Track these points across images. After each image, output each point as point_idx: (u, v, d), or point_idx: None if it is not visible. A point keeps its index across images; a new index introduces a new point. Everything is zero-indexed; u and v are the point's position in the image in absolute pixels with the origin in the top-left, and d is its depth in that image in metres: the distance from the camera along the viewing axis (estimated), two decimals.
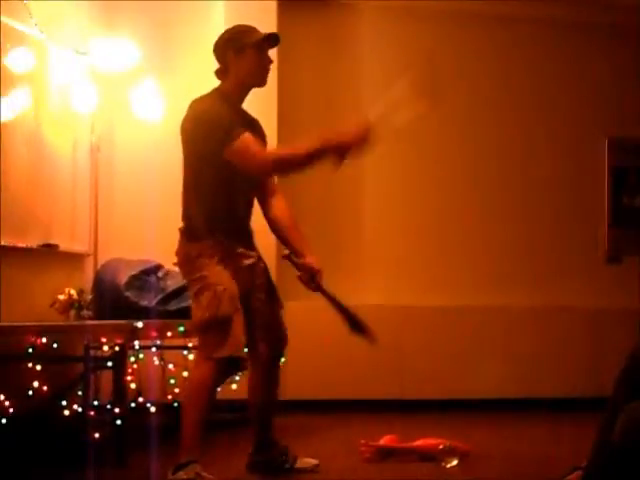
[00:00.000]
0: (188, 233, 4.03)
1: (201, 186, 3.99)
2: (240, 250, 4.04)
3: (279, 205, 4.24)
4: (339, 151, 3.77)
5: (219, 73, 4.12)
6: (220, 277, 3.90)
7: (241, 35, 4.09)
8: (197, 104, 4.03)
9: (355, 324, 4.12)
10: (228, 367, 3.92)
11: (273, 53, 4.19)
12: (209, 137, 3.90)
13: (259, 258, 4.18)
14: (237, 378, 5.13)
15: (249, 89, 4.12)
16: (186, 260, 4.02)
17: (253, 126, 4.14)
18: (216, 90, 4.10)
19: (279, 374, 4.28)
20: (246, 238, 4.14)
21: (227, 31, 4.16)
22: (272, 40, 4.12)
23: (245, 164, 3.89)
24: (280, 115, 6.76)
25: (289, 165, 4.01)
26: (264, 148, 4.06)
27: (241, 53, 4.04)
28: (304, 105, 7.27)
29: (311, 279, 4.14)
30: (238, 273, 3.98)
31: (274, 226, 4.24)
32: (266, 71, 4.11)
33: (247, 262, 4.06)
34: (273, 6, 6.81)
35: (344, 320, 4.13)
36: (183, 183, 4.06)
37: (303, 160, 3.90)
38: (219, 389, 4.08)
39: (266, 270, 4.23)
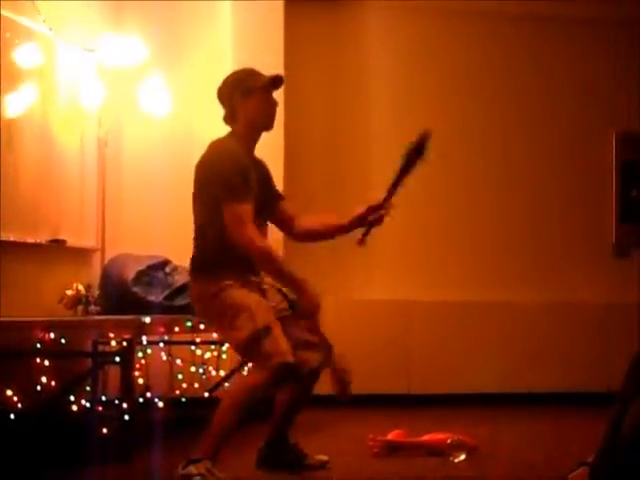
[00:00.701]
0: (199, 271, 4.02)
1: (212, 224, 3.96)
2: (254, 278, 4.06)
3: (305, 219, 4.31)
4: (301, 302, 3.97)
5: (227, 119, 4.12)
6: (247, 296, 3.91)
7: (247, 77, 4.11)
8: (216, 146, 4.04)
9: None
10: (284, 375, 3.86)
11: (279, 53, 4.18)
12: (222, 184, 3.89)
13: (271, 285, 4.20)
14: None
15: (260, 132, 4.12)
16: (202, 300, 4.01)
17: (262, 170, 4.17)
18: (231, 134, 4.10)
19: (317, 381, 4.24)
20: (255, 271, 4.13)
21: (231, 75, 4.17)
22: (277, 82, 4.15)
23: (233, 232, 3.87)
24: (287, 113, 6.75)
25: (264, 265, 4.03)
26: (258, 232, 3.95)
27: (248, 96, 4.05)
28: (311, 103, 7.27)
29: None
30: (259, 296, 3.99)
31: (312, 234, 4.34)
32: (273, 113, 4.12)
33: (263, 287, 4.09)
34: (280, 5, 6.81)
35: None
36: (194, 220, 4.06)
37: (278, 275, 4.02)
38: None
39: (282, 291, 4.20)
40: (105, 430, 4.56)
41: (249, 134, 4.09)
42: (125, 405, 4.51)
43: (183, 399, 5.90)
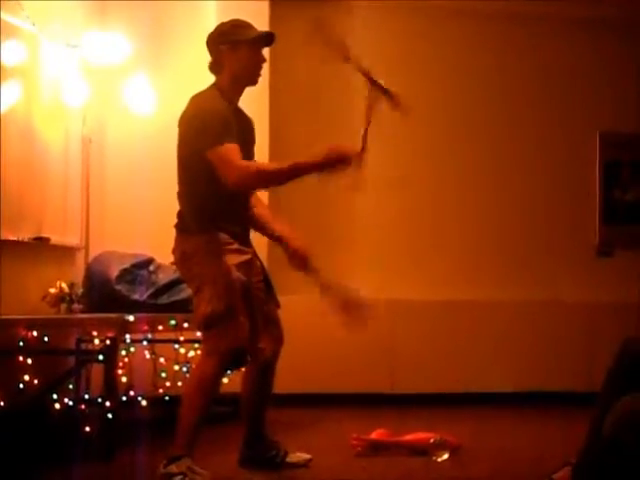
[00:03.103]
0: (182, 229, 4.00)
1: (194, 181, 3.94)
2: (236, 246, 4.00)
3: (258, 203, 4.27)
4: (316, 170, 3.84)
5: (213, 67, 4.09)
6: (219, 272, 3.88)
7: (237, 30, 4.06)
8: (196, 100, 4.01)
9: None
10: (233, 360, 3.90)
11: (265, 52, 4.17)
12: (203, 134, 3.86)
13: (255, 254, 4.17)
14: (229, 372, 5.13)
15: (243, 86, 4.08)
16: (182, 258, 3.99)
17: (246, 125, 4.14)
18: (213, 85, 4.07)
19: (275, 372, 4.26)
20: (242, 233, 4.10)
21: (222, 25, 4.12)
22: (268, 39, 4.11)
23: (224, 171, 3.83)
24: (272, 113, 6.76)
25: (269, 182, 4.06)
26: (247, 162, 3.96)
27: (235, 48, 4.02)
28: (296, 103, 7.27)
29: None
30: (236, 269, 3.94)
31: (257, 221, 4.25)
32: (259, 69, 4.08)
33: (243, 258, 4.01)
34: (265, 5, 6.80)
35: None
36: (178, 178, 4.04)
37: (290, 178, 3.90)
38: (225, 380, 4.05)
39: (262, 267, 4.21)
40: (88, 428, 4.56)
41: (232, 87, 4.05)
42: (108, 403, 4.50)
43: (166, 397, 5.88)
